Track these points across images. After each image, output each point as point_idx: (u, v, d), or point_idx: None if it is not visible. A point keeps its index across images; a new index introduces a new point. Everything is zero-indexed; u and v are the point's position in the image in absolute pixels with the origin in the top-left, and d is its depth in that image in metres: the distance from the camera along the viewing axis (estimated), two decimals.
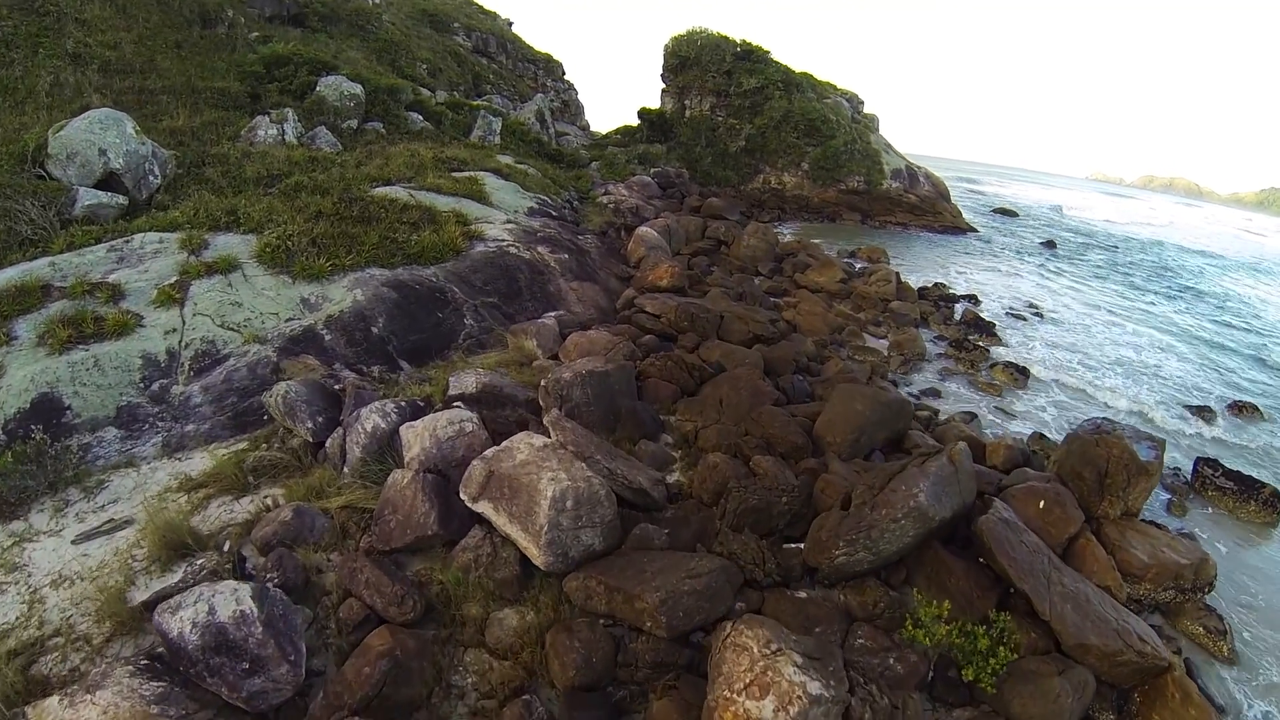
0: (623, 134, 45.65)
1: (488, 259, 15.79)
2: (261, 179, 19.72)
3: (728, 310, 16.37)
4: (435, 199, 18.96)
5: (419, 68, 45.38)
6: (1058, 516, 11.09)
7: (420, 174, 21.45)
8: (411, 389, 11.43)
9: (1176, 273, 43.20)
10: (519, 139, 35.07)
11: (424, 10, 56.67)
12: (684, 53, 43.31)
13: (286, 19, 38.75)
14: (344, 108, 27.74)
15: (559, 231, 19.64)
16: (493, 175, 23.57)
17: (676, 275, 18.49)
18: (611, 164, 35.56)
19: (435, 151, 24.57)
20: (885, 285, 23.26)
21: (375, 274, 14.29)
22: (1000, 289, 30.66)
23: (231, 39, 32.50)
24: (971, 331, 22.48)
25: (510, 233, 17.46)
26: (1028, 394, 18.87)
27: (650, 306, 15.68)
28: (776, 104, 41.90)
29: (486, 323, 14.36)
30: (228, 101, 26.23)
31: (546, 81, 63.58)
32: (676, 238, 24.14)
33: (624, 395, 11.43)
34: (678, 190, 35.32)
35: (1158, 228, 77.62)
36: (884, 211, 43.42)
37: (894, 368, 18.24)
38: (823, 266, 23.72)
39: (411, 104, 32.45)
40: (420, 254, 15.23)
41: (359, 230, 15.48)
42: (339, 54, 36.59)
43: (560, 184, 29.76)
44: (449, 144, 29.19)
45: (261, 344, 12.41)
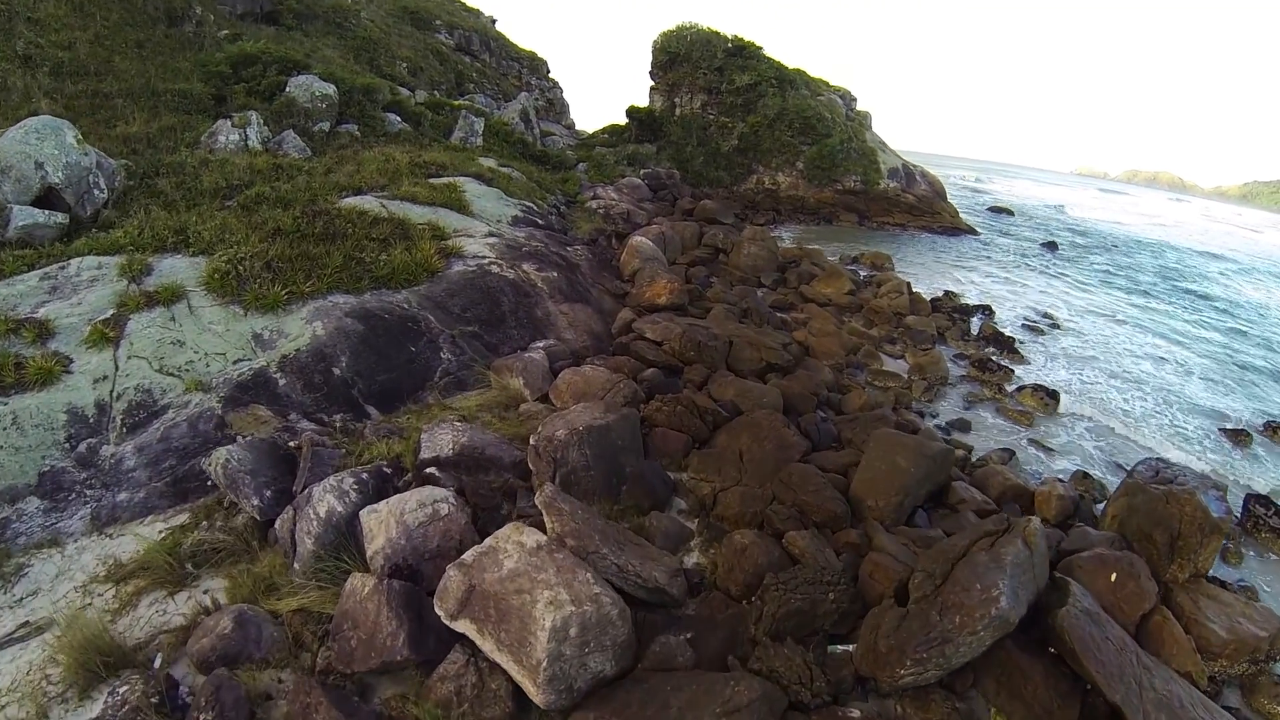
0: (610, 133, 43.89)
1: (467, 280, 14.06)
2: (219, 190, 17.96)
3: (736, 334, 14.73)
4: (410, 210, 17.23)
5: (399, 67, 43.58)
6: (1131, 591, 9.59)
7: (395, 181, 19.71)
8: (377, 447, 9.73)
9: (1186, 277, 41.91)
10: (502, 140, 33.32)
11: (405, 8, 54.90)
12: (674, 49, 41.62)
13: (260, 16, 36.86)
14: (315, 109, 25.93)
15: (546, 244, 17.96)
16: (474, 181, 21.85)
17: (676, 292, 16.86)
18: (600, 165, 33.87)
19: (412, 156, 22.82)
20: (898, 298, 21.72)
21: (339, 302, 12.56)
22: (1010, 297, 29.27)
23: (199, 38, 30.66)
24: (992, 348, 21.03)
25: (492, 248, 15.73)
26: (1060, 422, 17.44)
27: (651, 332, 14.02)
28: (770, 101, 40.31)
29: (466, 356, 12.66)
30: (190, 104, 24.42)
31: (531, 80, 61.77)
32: (672, 246, 22.52)
33: (628, 452, 9.78)
34: (669, 192, 33.67)
35: (1162, 228, 75.55)
36: (881, 212, 41.93)
37: (917, 395, 16.69)
38: (830, 277, 22.14)
39: (389, 104, 30.64)
40: (390, 276, 13.49)
41: (321, 250, 13.73)
42: (313, 52, 34.80)
43: (546, 188, 28.06)
44: (428, 147, 27.44)
45: (205, 393, 10.68)
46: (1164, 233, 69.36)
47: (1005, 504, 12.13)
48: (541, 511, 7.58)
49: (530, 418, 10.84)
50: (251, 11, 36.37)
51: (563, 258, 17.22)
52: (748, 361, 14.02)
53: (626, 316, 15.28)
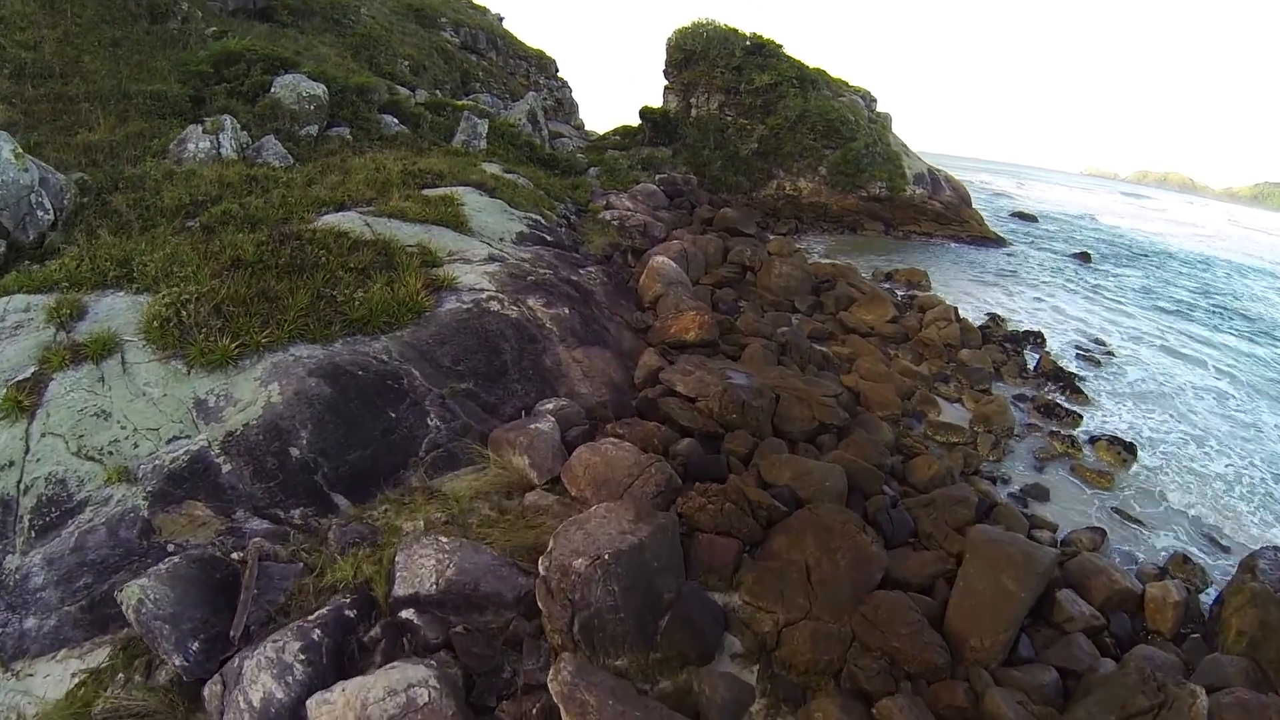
0: (622, 135, 41.52)
1: (460, 323, 11.75)
2: (182, 208, 15.75)
3: (782, 385, 12.45)
4: (398, 229, 14.99)
5: (400, 65, 41.33)
6: None
7: (383, 194, 17.45)
8: (342, 567, 7.49)
9: (1225, 293, 39.37)
10: (508, 143, 31.02)
11: (410, 5, 52.75)
12: (689, 46, 39.18)
13: (253, 12, 34.62)
14: (302, 111, 23.69)
15: (555, 267, 15.71)
16: (474, 191, 19.57)
17: (706, 326, 14.60)
18: (613, 170, 31.55)
19: (406, 163, 20.55)
20: (947, 327, 19.41)
21: (302, 356, 10.29)
22: (1056, 319, 26.94)
23: (184, 35, 28.45)
24: (1053, 385, 18.77)
25: (492, 277, 13.41)
26: (1140, 482, 15.29)
27: (682, 385, 11.71)
28: (791, 102, 37.89)
29: (459, 422, 10.38)
30: (164, 107, 22.21)
31: (539, 79, 59.46)
32: (694, 264, 20.24)
33: (666, 573, 7.52)
34: (686, 199, 31.33)
35: (1196, 238, 71.20)
36: (908, 220, 39.52)
37: (984, 453, 14.43)
38: (871, 301, 19.82)
39: (385, 105, 28.36)
40: (367, 319, 11.19)
41: (285, 287, 11.45)
42: (307, 50, 32.59)
43: (555, 195, 25.79)
44: (426, 152, 25.19)
45: (130, 484, 8.45)
46: (1196, 243, 66.00)
47: (1112, 613, 9.92)
48: (559, 704, 5.34)
49: (539, 514, 8.60)
50: (244, 7, 34.12)
51: (574, 286, 14.93)
52: (798, 421, 11.75)
53: (651, 362, 12.94)
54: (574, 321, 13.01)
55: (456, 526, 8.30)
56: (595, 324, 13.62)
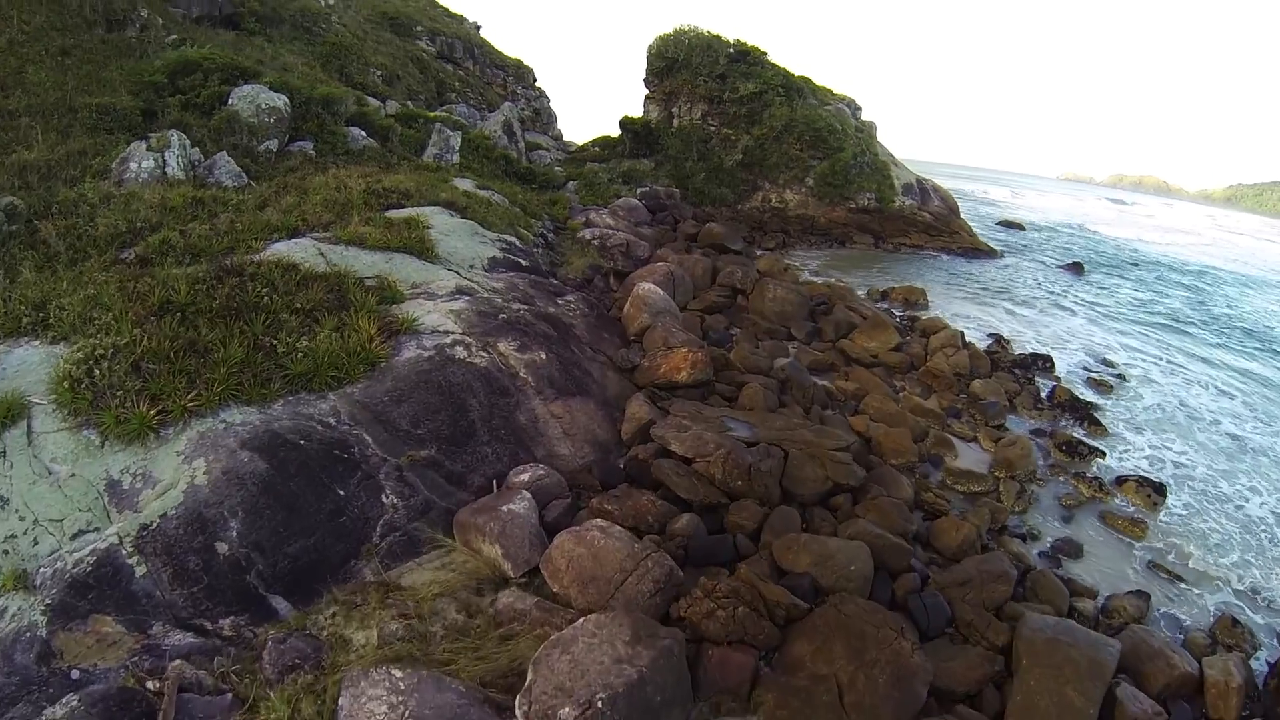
0: (602, 146, 40.12)
1: (421, 375, 10.27)
2: (117, 237, 14.19)
3: (789, 438, 11.10)
4: (356, 259, 13.54)
5: (372, 75, 39.78)
6: None
7: (343, 217, 15.95)
8: (275, 706, 6.04)
9: (1218, 302, 38.58)
10: (483, 156, 29.54)
11: (384, 13, 51.24)
12: (671, 54, 37.84)
13: (219, 20, 32.94)
14: (262, 125, 22.14)
15: (531, 299, 14.29)
16: (443, 211, 18.10)
17: (699, 365, 13.22)
18: (592, 185, 30.13)
19: (370, 181, 19.03)
20: (955, 354, 18.17)
21: (235, 422, 8.80)
22: (1058, 337, 25.84)
23: (143, 44, 26.79)
24: (1069, 418, 17.61)
25: (459, 317, 11.90)
26: (1174, 527, 14.18)
27: (678, 444, 10.31)
28: (777, 111, 36.65)
29: (419, 497, 8.93)
30: (112, 122, 20.60)
31: (517, 89, 57.97)
32: (682, 288, 18.88)
33: (671, 706, 6.14)
34: (669, 214, 29.96)
35: (1190, 247, 68.93)
36: (897, 232, 38.39)
37: (1009, 503, 13.15)
38: (873, 328, 18.51)
39: (353, 117, 26.82)
40: (312, 374, 9.71)
41: (218, 334, 9.94)
42: (274, 59, 30.96)
43: (532, 212, 24.36)
44: (395, 167, 23.71)
45: (28, 594, 6.97)
46: (1187, 250, 64.68)
47: (1172, 703, 8.67)
48: None
49: (514, 619, 7.17)
50: (209, 15, 32.42)
51: (552, 321, 13.48)
52: (810, 482, 10.38)
53: (640, 413, 11.49)
54: (551, 368, 11.53)
55: (416, 640, 6.87)
56: (576, 368, 12.14)
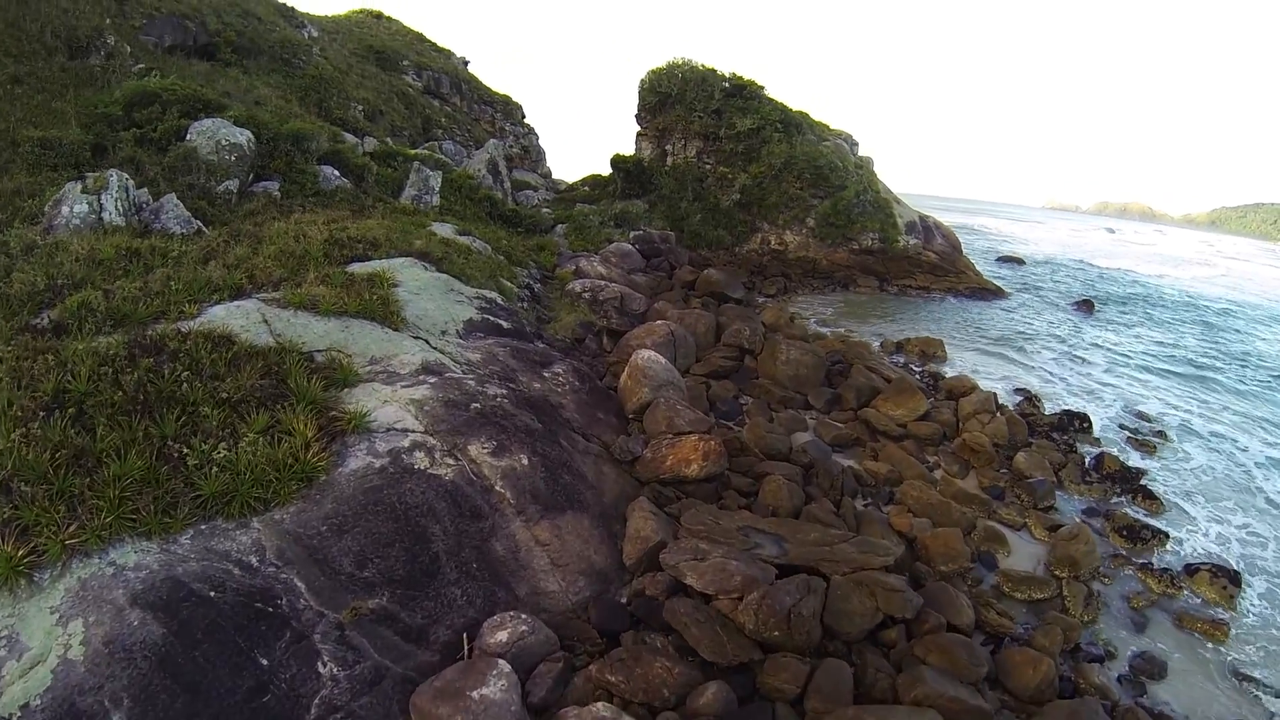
0: (592, 185, 38.36)
1: (370, 494, 8.05)
2: (33, 296, 12.12)
3: (827, 557, 8.96)
4: (305, 328, 11.44)
5: (353, 109, 38.14)
6: None
7: (298, 273, 13.88)
8: None
9: (1250, 346, 36.66)
10: (465, 197, 27.63)
11: (370, 46, 49.94)
12: (664, 89, 36.16)
13: (193, 50, 31.11)
14: (221, 163, 20.19)
15: (511, 376, 12.14)
16: (416, 264, 16.06)
17: (711, 455, 11.12)
18: (582, 228, 28.17)
19: (334, 229, 16.98)
20: (991, 421, 16.12)
21: (127, 564, 6.62)
22: (1086, 389, 23.92)
23: (107, 73, 24.96)
24: (1120, 492, 15.58)
25: (420, 407, 9.67)
26: (1258, 628, 12.23)
27: (695, 575, 8.13)
28: (775, 148, 34.93)
29: (367, 663, 6.72)
30: (57, 157, 18.73)
31: (505, 125, 56.47)
32: (684, 349, 16.84)
33: None
34: (664, 259, 28.04)
35: (1200, 281, 65.75)
36: (902, 274, 36.55)
37: (1078, 613, 11.02)
38: (898, 394, 16.42)
39: (326, 155, 24.89)
40: (230, 495, 7.56)
41: (116, 439, 7.79)
42: (248, 91, 29.15)
43: (517, 260, 22.37)
44: (368, 210, 21.74)
45: None
46: (1196, 283, 62.30)
47: None
48: None
49: None
50: (182, 44, 30.60)
51: (537, 407, 11.31)
52: (857, 617, 8.23)
53: (646, 529, 9.23)
54: (535, 477, 9.28)
55: None
56: (565, 471, 9.86)
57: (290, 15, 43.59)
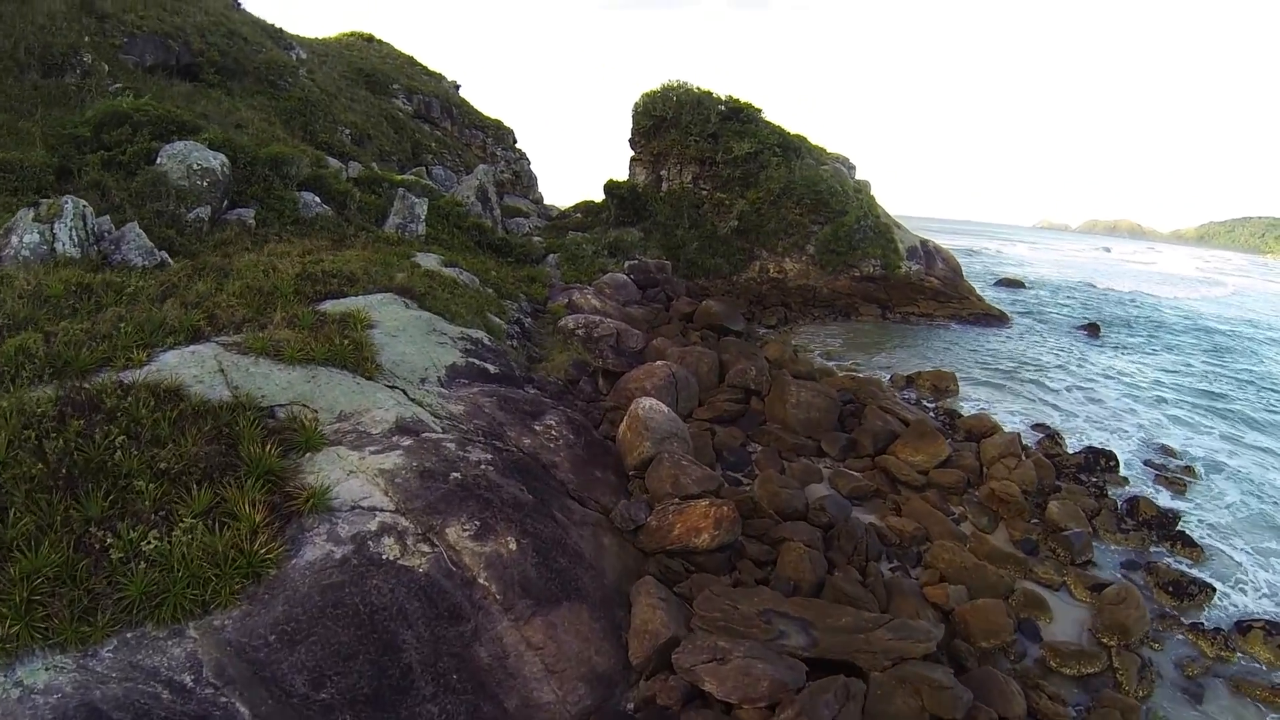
0: (585, 212, 37.31)
1: (329, 593, 6.71)
2: None
3: (863, 650, 7.73)
4: (267, 377, 10.20)
5: (340, 133, 37.04)
6: None
7: (264, 312, 12.62)
8: None
9: (1263, 369, 35.60)
10: (453, 226, 26.48)
11: (360, 69, 49.00)
12: (658, 112, 35.25)
13: (175, 70, 29.94)
14: (193, 189, 19.01)
15: (498, 431, 10.90)
16: (396, 300, 14.85)
17: (726, 523, 9.87)
18: (575, 258, 27.04)
19: (307, 262, 15.78)
20: (1017, 466, 14.93)
21: (35, 685, 5.33)
22: (1104, 421, 22.83)
23: (82, 92, 23.84)
24: (1158, 539, 14.45)
25: (391, 479, 8.32)
26: None
27: (714, 680, 6.91)
28: (774, 173, 33.99)
29: None
30: (17, 180, 17.51)
31: (496, 150, 55.51)
32: (685, 392, 15.64)
33: None
34: (661, 290, 26.92)
35: (1207, 302, 64.76)
36: (905, 301, 35.50)
37: (1132, 688, 9.79)
38: (917, 438, 15.22)
39: (307, 180, 23.72)
40: (160, 596, 6.30)
41: (30, 524, 6.52)
42: (230, 114, 28.04)
43: (507, 292, 21.19)
44: (349, 239, 20.57)
45: None
46: (1202, 304, 61.40)
47: None
48: None
49: None
50: (164, 64, 29.41)
51: (526, 472, 10.02)
52: (906, 717, 7.01)
53: (655, 624, 7.83)
54: (526, 564, 7.88)
55: None
56: (560, 552, 8.42)
57: (278, 37, 42.62)
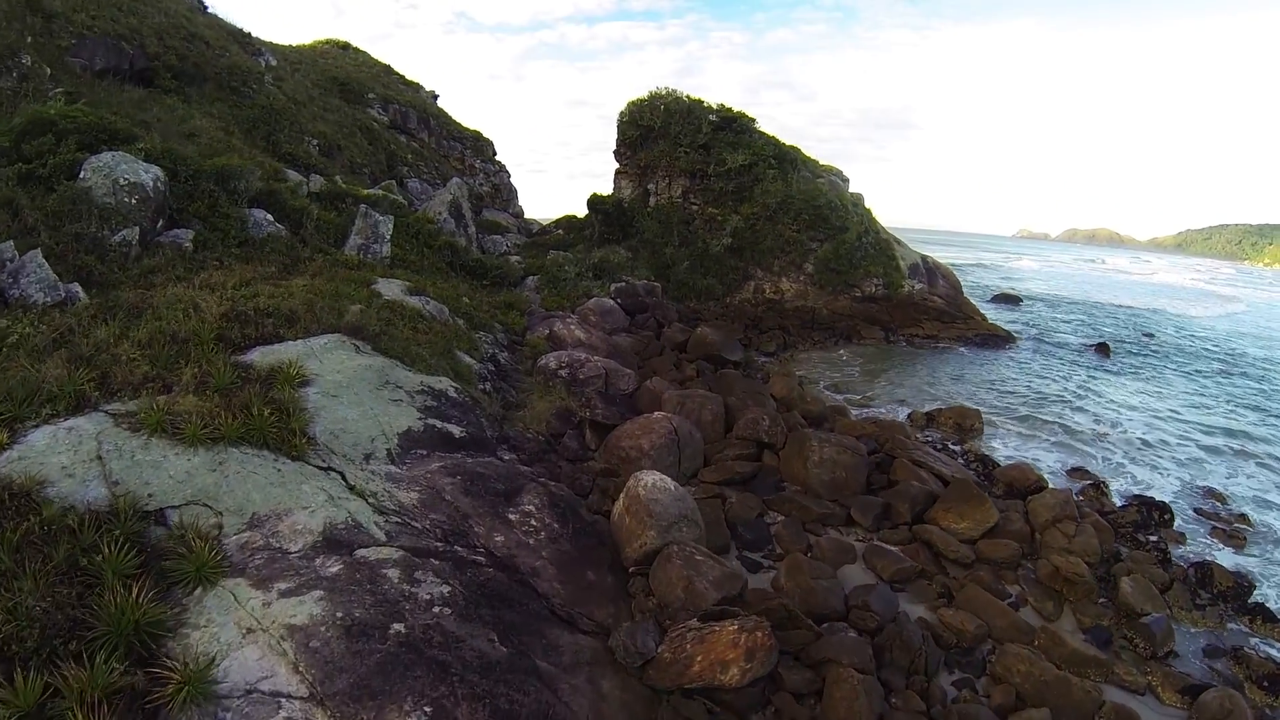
0: (567, 227, 35.01)
1: None
2: None
3: None
4: (160, 466, 7.81)
5: (308, 144, 34.57)
6: None
7: (174, 368, 10.22)
8: None
9: None
10: (423, 245, 24.08)
11: (334, 78, 46.72)
12: (646, 122, 33.02)
13: (128, 75, 27.41)
14: (119, 207, 16.52)
15: (462, 530, 8.54)
16: (344, 344, 12.43)
17: (760, 654, 7.56)
18: (556, 280, 24.66)
19: (241, 296, 13.34)
20: (1078, 535, 12.73)
21: None
22: (1137, 458, 20.78)
23: (19, 97, 21.40)
24: (1235, 613, 12.35)
25: (306, 646, 5.77)
26: None
27: None
28: (770, 186, 31.82)
29: None
30: None
31: (475, 162, 53.19)
32: (690, 450, 13.35)
33: None
34: (651, 316, 24.62)
35: (1227, 316, 62.53)
36: (908, 322, 33.40)
37: None
38: (960, 500, 12.94)
39: (260, 196, 21.20)
40: None
41: None
42: (182, 122, 25.56)
43: (480, 322, 18.83)
44: (304, 263, 18.15)
45: None
46: (1215, 320, 59.20)
47: None
48: None
49: None
50: (116, 68, 26.90)
51: (498, 599, 7.61)
52: None
53: None
54: None
55: None
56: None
57: (246, 41, 40.16)
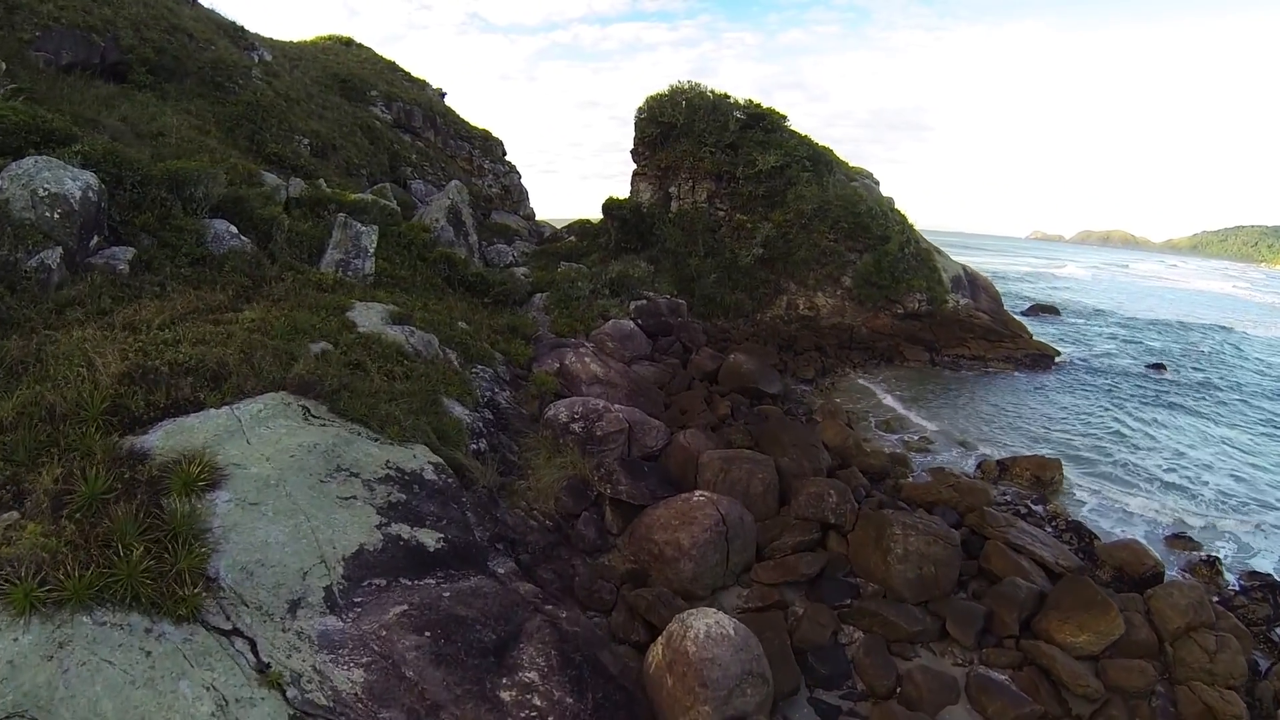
0: (580, 233, 31.97)
1: None
2: None
3: None
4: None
5: (298, 143, 31.58)
6: None
7: (36, 464, 7.27)
8: None
9: None
10: (416, 258, 21.09)
11: (335, 74, 44.08)
12: (667, 118, 29.90)
13: (99, 69, 24.53)
14: (40, 223, 13.50)
15: None
16: (290, 406, 9.46)
17: None
18: (568, 299, 21.59)
19: (156, 344, 10.31)
20: (1218, 648, 9.68)
21: None
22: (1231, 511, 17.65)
23: None
24: None
25: None
26: None
27: None
28: (804, 190, 28.67)
29: None
30: None
31: (483, 162, 50.24)
32: (740, 540, 10.39)
33: None
34: (676, 339, 21.59)
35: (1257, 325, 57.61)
36: (954, 341, 30.17)
37: None
38: (1079, 605, 9.80)
39: (222, 204, 18.12)
40: None
41: None
42: (152, 120, 22.63)
43: (477, 354, 15.86)
44: (268, 283, 15.17)
45: None
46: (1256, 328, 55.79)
47: None
48: None
49: None
50: (85, 62, 24.03)
51: None
52: None
53: None
54: None
55: None
56: None
57: (238, 35, 37.35)
